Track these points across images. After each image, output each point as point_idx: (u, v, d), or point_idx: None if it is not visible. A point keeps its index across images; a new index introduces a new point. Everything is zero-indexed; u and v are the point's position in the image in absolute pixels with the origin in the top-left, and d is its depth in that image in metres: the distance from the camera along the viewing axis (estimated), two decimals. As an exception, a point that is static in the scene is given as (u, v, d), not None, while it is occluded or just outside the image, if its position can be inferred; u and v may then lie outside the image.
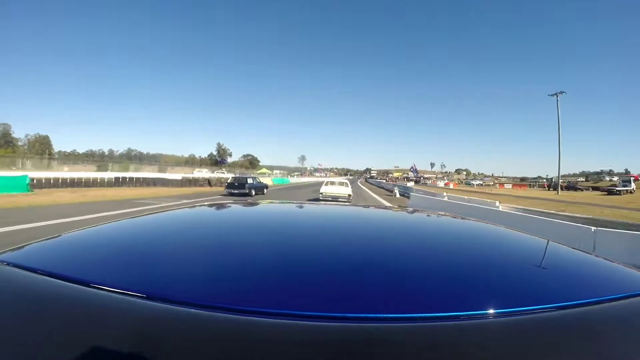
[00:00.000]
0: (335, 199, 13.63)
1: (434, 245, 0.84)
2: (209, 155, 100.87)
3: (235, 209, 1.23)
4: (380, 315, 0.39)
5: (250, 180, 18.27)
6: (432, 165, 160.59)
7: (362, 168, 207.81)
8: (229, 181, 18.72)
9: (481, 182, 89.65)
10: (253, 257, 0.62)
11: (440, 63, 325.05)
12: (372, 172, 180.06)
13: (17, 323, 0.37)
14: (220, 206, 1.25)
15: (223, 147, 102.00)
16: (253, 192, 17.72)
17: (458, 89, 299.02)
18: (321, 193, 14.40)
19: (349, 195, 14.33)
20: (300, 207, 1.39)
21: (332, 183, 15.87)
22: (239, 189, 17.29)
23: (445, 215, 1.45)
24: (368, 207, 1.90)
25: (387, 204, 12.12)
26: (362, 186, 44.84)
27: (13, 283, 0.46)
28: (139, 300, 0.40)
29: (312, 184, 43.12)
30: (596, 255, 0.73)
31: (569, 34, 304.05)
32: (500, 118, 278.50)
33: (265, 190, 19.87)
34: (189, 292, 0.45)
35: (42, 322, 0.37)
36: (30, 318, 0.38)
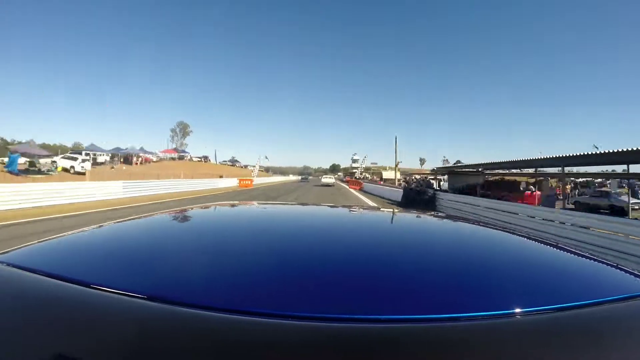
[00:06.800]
0: (327, 184, 33.40)
1: (432, 247, 0.84)
2: None
3: (236, 210, 1.25)
4: (379, 316, 0.40)
5: (308, 176, 67.75)
6: (422, 161, 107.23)
7: (326, 165, 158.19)
8: (302, 177, 53.34)
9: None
10: (253, 258, 0.63)
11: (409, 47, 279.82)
12: (354, 169, 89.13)
13: (18, 324, 0.38)
14: (220, 207, 1.27)
15: None
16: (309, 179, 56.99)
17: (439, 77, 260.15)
18: (321, 181, 34.71)
19: (334, 182, 36.61)
20: (300, 208, 1.41)
21: (327, 177, 37.83)
22: (306, 180, 50.80)
23: (443, 217, 1.43)
24: (366, 208, 1.92)
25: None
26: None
27: (14, 284, 0.46)
28: (140, 301, 0.40)
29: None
30: (595, 257, 0.73)
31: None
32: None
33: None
34: (190, 293, 0.45)
35: (44, 323, 0.37)
36: (31, 319, 0.38)
